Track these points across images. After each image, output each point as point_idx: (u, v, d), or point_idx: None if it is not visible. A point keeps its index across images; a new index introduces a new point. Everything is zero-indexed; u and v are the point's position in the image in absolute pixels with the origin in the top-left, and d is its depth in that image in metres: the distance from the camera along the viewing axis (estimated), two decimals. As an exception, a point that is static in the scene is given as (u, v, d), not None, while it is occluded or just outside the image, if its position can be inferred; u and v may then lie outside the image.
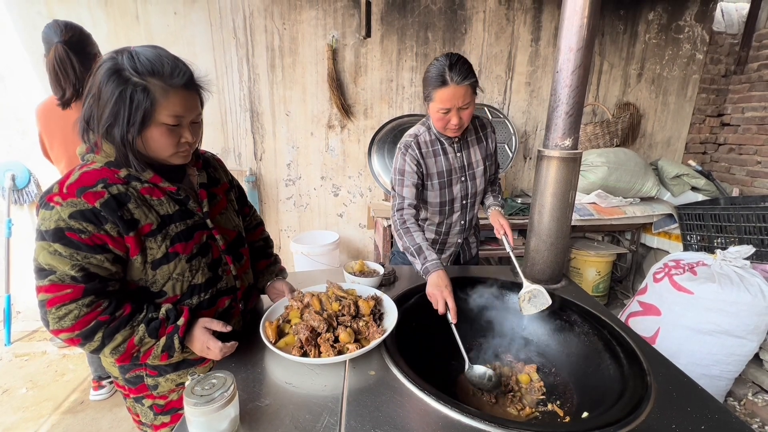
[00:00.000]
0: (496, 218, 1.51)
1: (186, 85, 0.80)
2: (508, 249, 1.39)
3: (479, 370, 1.08)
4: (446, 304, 1.12)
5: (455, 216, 1.56)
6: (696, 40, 3.16)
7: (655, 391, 0.87)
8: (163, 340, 0.86)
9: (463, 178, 1.50)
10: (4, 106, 2.47)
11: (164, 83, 0.78)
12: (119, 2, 2.49)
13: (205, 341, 0.89)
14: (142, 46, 0.81)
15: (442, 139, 1.45)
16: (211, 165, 1.07)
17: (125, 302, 0.85)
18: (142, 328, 0.84)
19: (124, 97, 0.76)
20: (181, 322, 0.87)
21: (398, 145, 1.47)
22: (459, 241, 1.63)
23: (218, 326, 0.91)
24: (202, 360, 1.00)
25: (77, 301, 0.77)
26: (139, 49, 0.79)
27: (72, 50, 1.52)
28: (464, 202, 1.54)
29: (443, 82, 1.26)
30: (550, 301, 1.20)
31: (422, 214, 1.57)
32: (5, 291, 2.52)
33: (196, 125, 0.88)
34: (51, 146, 1.69)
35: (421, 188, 1.46)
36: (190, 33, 2.61)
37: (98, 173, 0.82)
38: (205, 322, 0.91)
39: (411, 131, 1.48)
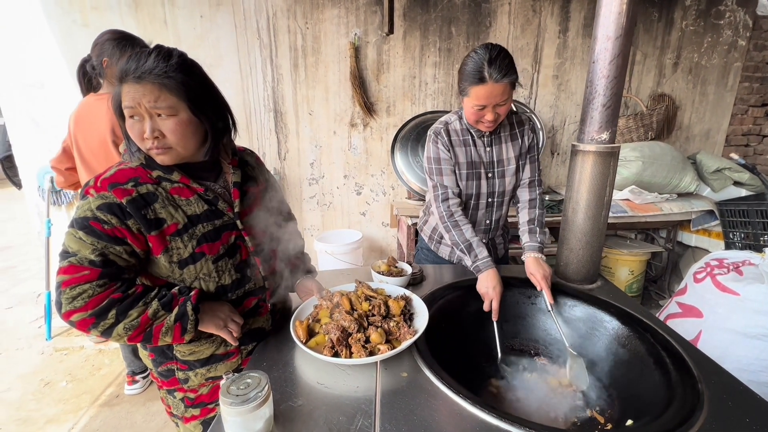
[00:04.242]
0: (532, 269, 1.27)
1: (139, 77, 0.79)
2: (548, 307, 1.21)
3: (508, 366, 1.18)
4: (492, 304, 1.20)
5: (479, 214, 1.50)
6: (738, 25, 2.97)
7: (708, 400, 0.82)
8: (175, 309, 0.86)
9: (490, 174, 1.44)
10: (44, 112, 2.58)
11: (123, 77, 0.80)
12: (149, 8, 2.56)
13: (232, 314, 0.94)
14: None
15: (472, 130, 1.41)
16: (248, 163, 1.07)
17: (137, 284, 0.87)
18: (155, 303, 0.84)
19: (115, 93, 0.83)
20: (193, 292, 0.89)
21: (428, 133, 1.43)
22: (483, 241, 1.56)
23: (238, 318, 0.97)
24: (229, 356, 1.01)
25: (91, 283, 0.79)
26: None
27: (118, 47, 1.60)
28: (490, 200, 1.48)
29: (481, 79, 1.18)
30: (586, 384, 1.06)
31: None
32: (46, 288, 2.64)
33: (167, 121, 0.82)
34: (78, 142, 1.71)
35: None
36: (216, 36, 2.66)
37: (132, 172, 0.86)
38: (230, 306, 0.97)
39: (442, 119, 1.44)
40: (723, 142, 3.27)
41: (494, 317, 1.21)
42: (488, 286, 1.21)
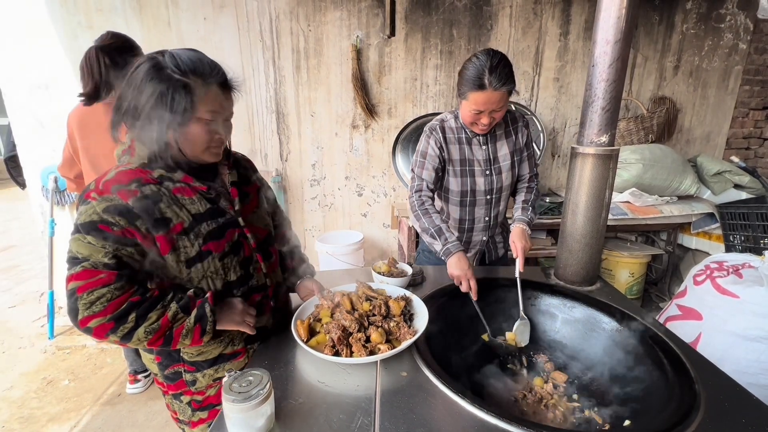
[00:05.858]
0: (515, 237, 1.37)
1: (222, 83, 0.85)
2: (516, 274, 1.28)
3: (498, 340, 1.24)
4: (469, 283, 1.22)
5: (478, 211, 1.53)
6: (739, 29, 2.98)
7: (705, 401, 0.83)
8: (194, 311, 0.86)
9: (488, 172, 1.48)
10: (49, 114, 2.60)
11: (204, 81, 0.82)
12: (152, 10, 2.58)
13: (246, 309, 0.96)
14: (181, 49, 0.84)
15: (467, 129, 1.45)
16: (241, 165, 1.09)
17: (152, 288, 0.87)
18: (174, 305, 0.85)
19: (165, 94, 0.79)
20: (208, 294, 0.90)
21: (425, 128, 1.48)
22: (483, 238, 1.59)
23: (252, 310, 0.99)
24: (236, 355, 1.02)
25: (109, 286, 0.78)
26: (178, 51, 0.84)
27: (106, 54, 1.60)
28: (488, 197, 1.51)
29: (480, 86, 1.23)
30: (525, 342, 1.23)
31: (443, 208, 1.57)
32: (49, 287, 2.66)
33: (228, 123, 0.91)
34: (87, 148, 1.73)
35: (441, 173, 1.47)
36: (219, 37, 2.68)
37: (133, 173, 0.85)
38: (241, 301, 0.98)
39: (439, 116, 1.49)
40: (723, 145, 3.28)
41: (474, 297, 1.22)
42: (461, 267, 1.23)
